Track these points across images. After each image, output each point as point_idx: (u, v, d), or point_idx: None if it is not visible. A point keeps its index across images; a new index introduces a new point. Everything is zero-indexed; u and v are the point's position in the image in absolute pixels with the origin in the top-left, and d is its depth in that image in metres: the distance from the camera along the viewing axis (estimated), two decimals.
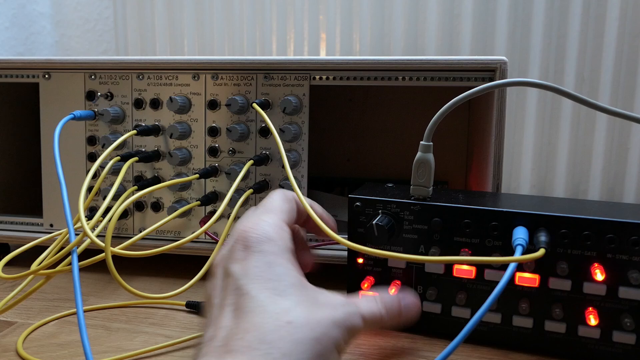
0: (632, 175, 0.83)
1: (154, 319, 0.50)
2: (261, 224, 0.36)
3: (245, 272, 0.33)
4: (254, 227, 0.36)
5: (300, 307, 0.32)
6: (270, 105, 0.56)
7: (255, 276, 0.33)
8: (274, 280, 0.33)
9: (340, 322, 0.33)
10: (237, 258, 0.34)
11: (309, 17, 0.89)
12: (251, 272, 0.33)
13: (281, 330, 0.30)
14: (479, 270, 0.43)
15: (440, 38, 0.85)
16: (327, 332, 0.31)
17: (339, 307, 0.33)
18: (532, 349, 0.43)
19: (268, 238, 0.35)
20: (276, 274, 0.33)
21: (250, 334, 0.30)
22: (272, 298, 0.32)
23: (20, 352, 0.43)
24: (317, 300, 0.33)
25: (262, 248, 0.35)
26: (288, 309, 0.31)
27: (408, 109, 0.75)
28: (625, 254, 0.40)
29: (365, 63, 0.55)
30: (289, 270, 0.34)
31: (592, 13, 0.80)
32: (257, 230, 0.35)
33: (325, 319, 0.32)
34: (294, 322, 0.30)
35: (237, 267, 0.34)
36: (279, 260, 0.34)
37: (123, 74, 0.59)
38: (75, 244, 0.43)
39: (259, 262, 0.34)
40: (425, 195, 0.45)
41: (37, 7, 0.97)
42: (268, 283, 0.33)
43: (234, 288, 0.33)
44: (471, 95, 0.43)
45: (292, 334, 0.30)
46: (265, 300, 0.31)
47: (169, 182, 0.55)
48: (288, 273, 0.34)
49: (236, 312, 0.31)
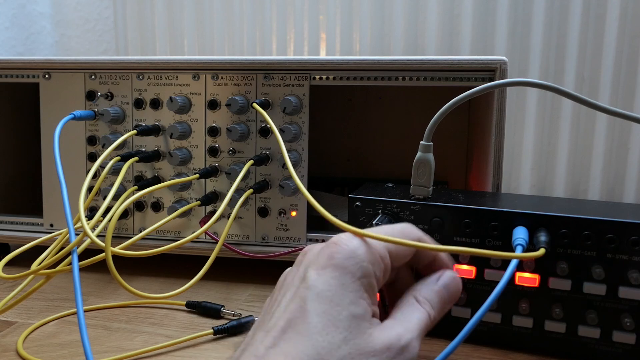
0: (632, 175, 0.83)
1: (154, 319, 0.50)
2: (361, 244, 0.34)
3: (317, 284, 0.32)
4: (350, 239, 0.34)
5: (346, 346, 0.30)
6: (270, 105, 0.56)
7: (322, 295, 0.31)
8: (337, 305, 0.31)
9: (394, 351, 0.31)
10: (319, 264, 0.33)
11: (309, 17, 0.89)
12: (321, 287, 0.32)
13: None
14: (479, 270, 0.43)
15: (440, 38, 0.85)
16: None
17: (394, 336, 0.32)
18: (532, 349, 0.43)
19: (358, 259, 0.33)
20: (342, 298, 0.32)
21: (287, 349, 0.29)
22: (323, 325, 0.30)
23: (21, 352, 0.43)
24: (368, 340, 0.31)
25: (346, 264, 0.32)
26: (331, 345, 0.30)
27: (408, 109, 0.75)
28: (625, 254, 0.40)
29: (365, 63, 0.55)
30: (359, 299, 0.32)
31: (592, 13, 0.80)
32: (350, 245, 0.33)
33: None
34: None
35: (314, 274, 0.32)
36: (355, 284, 0.32)
37: (123, 74, 0.59)
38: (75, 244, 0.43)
39: (333, 281, 0.32)
40: (425, 195, 0.45)
41: (37, 7, 0.97)
42: (330, 306, 0.31)
43: (301, 297, 0.32)
44: (471, 95, 0.43)
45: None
46: (316, 326, 0.30)
47: (169, 182, 0.55)
48: (356, 302, 0.32)
49: (289, 323, 0.31)
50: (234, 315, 0.49)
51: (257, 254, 0.56)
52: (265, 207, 0.58)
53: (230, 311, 0.49)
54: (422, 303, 0.35)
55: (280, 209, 0.57)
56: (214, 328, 0.46)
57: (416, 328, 0.34)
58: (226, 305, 0.51)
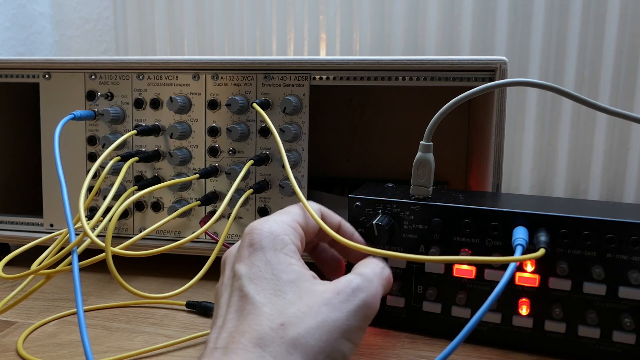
0: (632, 175, 0.83)
1: (154, 319, 0.50)
2: (269, 221, 0.36)
3: (248, 272, 0.33)
4: (260, 224, 0.36)
5: (295, 305, 0.31)
6: (270, 105, 0.56)
7: (255, 276, 0.33)
8: (273, 279, 0.33)
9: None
10: (243, 256, 0.34)
11: (309, 17, 0.89)
12: (252, 271, 0.33)
13: (274, 333, 0.30)
14: (479, 270, 0.43)
15: (440, 38, 0.85)
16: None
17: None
18: (532, 349, 0.43)
19: (271, 234, 0.35)
20: (275, 271, 0.33)
21: (247, 337, 0.30)
22: (268, 298, 0.32)
23: (21, 352, 0.43)
24: (315, 294, 0.32)
25: (264, 244, 0.34)
26: (282, 309, 0.31)
27: (408, 109, 0.75)
28: (625, 254, 0.40)
29: (365, 63, 0.55)
30: (289, 265, 0.34)
31: (592, 13, 0.80)
32: (263, 227, 0.35)
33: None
34: (286, 323, 0.30)
35: (242, 266, 0.34)
36: (279, 256, 0.34)
37: (123, 74, 0.59)
38: (75, 244, 0.43)
39: (260, 262, 0.34)
40: (425, 195, 0.45)
41: (37, 7, 0.97)
42: (267, 283, 0.33)
43: (238, 289, 0.33)
44: (471, 95, 0.43)
45: (283, 337, 0.30)
46: (262, 301, 0.31)
47: (169, 182, 0.55)
48: (287, 269, 0.34)
49: (238, 313, 0.32)
50: None
51: None
52: (265, 207, 0.58)
53: None
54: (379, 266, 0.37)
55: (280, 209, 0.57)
56: None
57: (369, 272, 0.35)
58: None
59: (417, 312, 0.46)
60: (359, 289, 0.33)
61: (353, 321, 0.32)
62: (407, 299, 0.46)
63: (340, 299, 0.32)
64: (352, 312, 0.32)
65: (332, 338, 0.31)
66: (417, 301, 0.46)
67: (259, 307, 0.31)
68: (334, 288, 0.33)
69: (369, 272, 0.35)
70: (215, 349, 0.30)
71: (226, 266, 0.36)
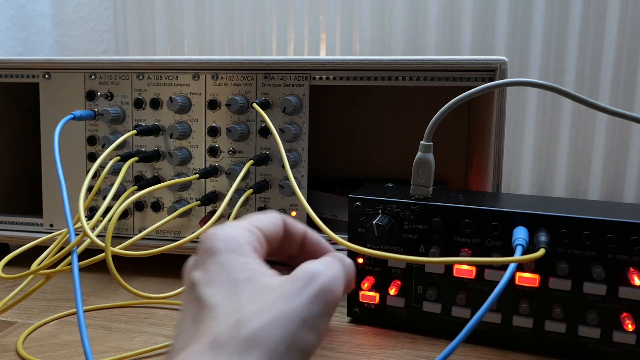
0: (632, 175, 0.83)
1: (154, 319, 0.50)
2: (225, 226, 0.35)
3: (203, 277, 0.32)
4: (215, 229, 0.35)
5: (251, 303, 0.30)
6: (270, 105, 0.56)
7: (210, 280, 0.32)
8: (227, 280, 0.32)
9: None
10: (198, 264, 0.33)
11: (309, 17, 0.89)
12: (208, 276, 0.32)
13: (229, 333, 0.29)
14: (479, 270, 0.43)
15: (440, 38, 0.85)
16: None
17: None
18: (532, 349, 0.43)
19: (225, 236, 0.34)
20: (230, 273, 0.32)
21: (202, 340, 0.29)
22: (224, 300, 0.31)
23: (20, 352, 0.43)
24: (273, 286, 0.31)
25: (218, 247, 0.33)
26: (237, 309, 0.30)
27: (408, 109, 0.75)
28: (625, 254, 0.40)
29: (365, 63, 0.55)
30: (244, 265, 0.33)
31: (592, 13, 0.80)
32: (218, 232, 0.34)
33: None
34: (241, 321, 0.29)
35: (197, 273, 0.33)
36: (233, 257, 0.33)
37: (123, 74, 0.59)
38: (75, 244, 0.43)
39: (214, 265, 0.33)
40: (425, 195, 0.45)
41: (37, 7, 0.97)
42: (222, 285, 0.32)
43: (194, 297, 0.32)
44: (471, 95, 0.43)
45: (238, 335, 0.29)
46: (217, 303, 0.30)
47: (169, 182, 0.55)
48: (242, 268, 0.32)
49: (194, 320, 0.31)
50: None
51: None
52: (265, 207, 0.58)
53: None
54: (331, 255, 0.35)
55: (280, 209, 0.57)
56: None
57: (327, 259, 0.34)
58: None
59: (417, 312, 0.46)
60: (316, 274, 0.32)
61: (313, 308, 0.31)
62: (407, 299, 0.46)
63: (297, 288, 0.31)
64: (310, 298, 0.31)
65: (291, 328, 0.30)
66: (417, 301, 0.46)
67: (214, 309, 0.30)
68: (290, 278, 0.32)
69: (327, 259, 0.34)
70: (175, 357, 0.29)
71: (185, 277, 0.35)
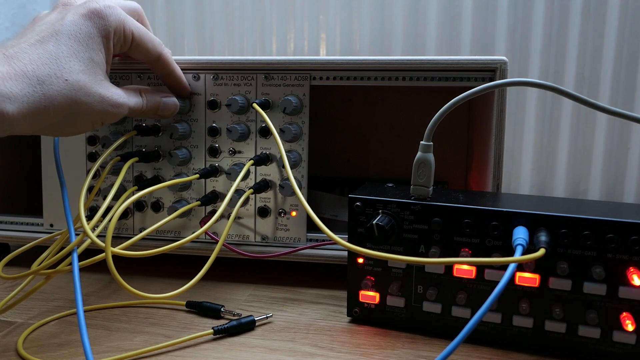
0: (632, 175, 0.83)
1: (154, 319, 0.50)
2: (114, 5, 0.45)
3: (71, 25, 0.42)
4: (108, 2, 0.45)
5: (81, 74, 0.41)
6: (270, 106, 0.56)
7: (72, 34, 0.41)
8: (81, 45, 0.42)
9: (112, 102, 0.44)
10: (78, 12, 0.42)
11: (309, 17, 0.89)
12: (74, 28, 0.42)
13: (54, 78, 0.39)
14: (479, 270, 0.43)
15: (440, 38, 0.85)
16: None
17: (116, 95, 0.45)
18: (532, 349, 0.43)
19: (107, 16, 0.43)
20: (87, 43, 0.42)
21: (35, 58, 0.39)
22: (68, 54, 0.40)
23: (21, 352, 0.43)
24: (99, 84, 0.43)
25: (97, 19, 0.43)
26: (71, 68, 0.40)
27: (408, 109, 0.75)
28: (625, 254, 0.40)
29: (365, 63, 0.55)
30: (98, 50, 0.43)
31: (592, 13, 0.80)
32: (108, 8, 0.44)
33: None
34: (70, 80, 0.40)
35: (71, 17, 0.42)
36: (98, 38, 0.43)
37: (124, 74, 0.59)
38: (75, 244, 0.43)
39: (84, 28, 0.43)
40: (425, 195, 0.45)
41: (37, 7, 0.97)
42: (76, 44, 0.41)
43: (55, 29, 0.41)
44: (471, 95, 0.43)
45: (63, 89, 0.39)
46: (62, 50, 0.40)
47: (169, 182, 0.55)
48: (96, 51, 0.43)
49: (41, 41, 0.40)
50: (234, 315, 0.49)
51: (257, 254, 0.56)
52: (265, 207, 0.58)
53: (230, 311, 0.50)
54: (143, 96, 0.50)
55: (280, 209, 0.57)
56: (214, 328, 0.46)
57: (132, 102, 0.48)
58: (226, 305, 0.51)
59: (417, 312, 0.46)
60: (119, 106, 0.45)
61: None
62: (407, 299, 0.46)
63: (107, 103, 0.44)
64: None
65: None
66: (417, 301, 0.46)
67: (58, 52, 0.40)
68: (109, 92, 0.44)
69: (132, 100, 0.49)
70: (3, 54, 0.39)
71: (62, 6, 0.44)
